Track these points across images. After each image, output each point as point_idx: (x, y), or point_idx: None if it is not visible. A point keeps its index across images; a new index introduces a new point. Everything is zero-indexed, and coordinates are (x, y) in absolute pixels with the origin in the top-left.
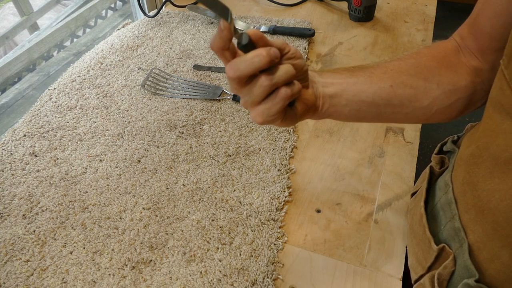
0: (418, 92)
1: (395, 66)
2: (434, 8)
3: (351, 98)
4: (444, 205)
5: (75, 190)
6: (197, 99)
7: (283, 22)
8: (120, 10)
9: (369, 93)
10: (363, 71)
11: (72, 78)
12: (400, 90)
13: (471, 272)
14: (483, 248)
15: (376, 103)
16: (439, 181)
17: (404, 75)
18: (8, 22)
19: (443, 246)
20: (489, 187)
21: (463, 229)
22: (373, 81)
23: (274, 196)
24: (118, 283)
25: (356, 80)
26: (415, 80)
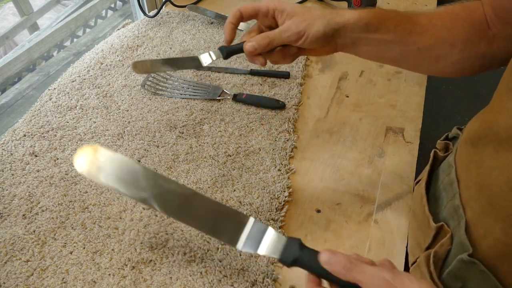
0: (441, 54)
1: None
2: (434, 8)
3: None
4: (447, 185)
5: (75, 190)
6: (197, 99)
7: None
8: (120, 10)
9: (396, 51)
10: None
11: (72, 78)
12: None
13: (465, 248)
14: (479, 224)
15: (399, 60)
16: (442, 165)
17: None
18: (8, 22)
19: (441, 225)
20: (492, 164)
21: (462, 206)
22: (405, 41)
23: (274, 196)
24: (118, 283)
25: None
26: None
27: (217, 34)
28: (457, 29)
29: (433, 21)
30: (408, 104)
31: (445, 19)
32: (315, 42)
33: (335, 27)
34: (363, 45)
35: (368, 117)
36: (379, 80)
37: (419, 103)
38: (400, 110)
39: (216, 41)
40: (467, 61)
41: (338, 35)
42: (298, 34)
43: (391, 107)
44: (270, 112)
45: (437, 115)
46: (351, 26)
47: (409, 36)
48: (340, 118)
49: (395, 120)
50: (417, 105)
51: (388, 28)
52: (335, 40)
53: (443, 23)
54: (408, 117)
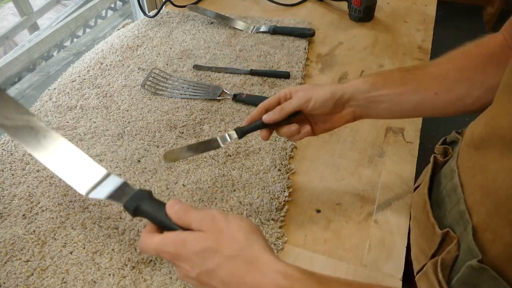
0: (462, 93)
1: (443, 70)
2: (434, 8)
3: (393, 107)
4: (450, 191)
5: (75, 190)
6: (197, 99)
7: (283, 22)
8: (120, 10)
9: (412, 102)
10: (413, 77)
11: (72, 78)
12: (444, 95)
13: (474, 254)
14: (486, 228)
15: (417, 109)
16: (444, 169)
17: (449, 80)
18: (8, 22)
19: (447, 231)
20: (497, 167)
21: (467, 212)
22: (420, 89)
23: (274, 196)
24: (118, 283)
25: (404, 89)
26: (460, 83)
27: (217, 34)
28: (471, 67)
29: (444, 66)
30: None
31: (456, 60)
32: (322, 106)
33: (341, 92)
34: (378, 104)
35: None
36: None
37: None
38: None
39: (216, 41)
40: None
41: (349, 101)
42: (306, 98)
43: None
44: None
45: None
46: (358, 89)
47: (421, 84)
48: None
49: (395, 120)
50: None
51: (395, 83)
52: (349, 107)
53: (455, 64)
54: None
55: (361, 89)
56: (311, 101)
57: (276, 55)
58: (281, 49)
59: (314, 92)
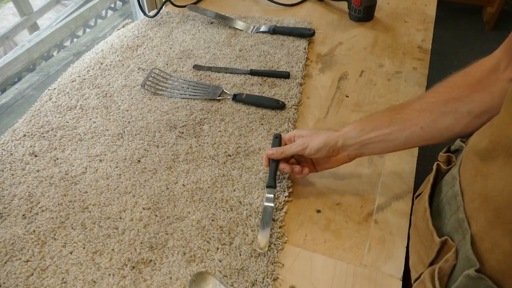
0: (449, 124)
1: (428, 105)
2: (434, 8)
3: (384, 145)
4: (450, 198)
5: (75, 190)
6: (197, 99)
7: (283, 22)
8: (120, 10)
9: (402, 138)
10: (398, 116)
11: (72, 78)
12: (430, 128)
13: (472, 263)
14: (485, 237)
15: (408, 143)
16: (446, 177)
17: (435, 113)
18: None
19: (445, 239)
20: (499, 175)
21: (466, 220)
22: (406, 126)
23: (274, 196)
24: (118, 283)
25: (392, 129)
26: (445, 115)
27: (217, 34)
28: (456, 98)
29: (428, 100)
30: None
31: (441, 93)
32: (317, 153)
33: (334, 141)
34: (370, 145)
35: None
36: (379, 80)
37: None
38: None
39: (216, 41)
40: (481, 117)
41: (342, 147)
42: (302, 146)
43: None
44: (270, 112)
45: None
46: (349, 136)
47: (406, 122)
48: (340, 118)
49: None
50: None
51: (383, 125)
52: (343, 151)
53: (439, 98)
54: None
55: (351, 136)
56: (307, 148)
57: (276, 55)
58: (281, 49)
59: (310, 140)
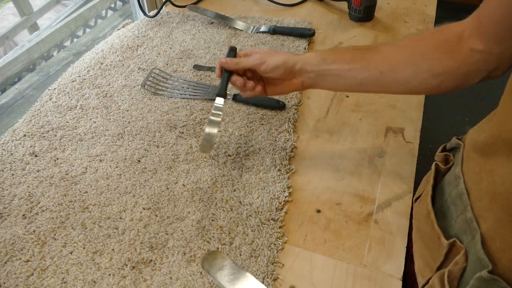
0: (407, 76)
1: (394, 52)
2: (434, 8)
3: (341, 81)
4: (455, 198)
5: (75, 190)
6: (197, 99)
7: (283, 22)
8: (120, 10)
9: (359, 78)
10: (363, 56)
11: (72, 78)
12: (389, 75)
13: (483, 264)
14: (496, 237)
15: (364, 85)
16: (447, 177)
17: (397, 62)
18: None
19: (453, 241)
20: (506, 171)
21: (475, 219)
22: (367, 67)
23: (274, 196)
24: (118, 283)
25: (352, 66)
26: (407, 66)
27: (217, 34)
28: (420, 52)
29: (395, 48)
30: (408, 104)
31: (408, 44)
32: (273, 71)
33: (293, 62)
34: (326, 77)
35: (368, 117)
36: None
37: (419, 103)
38: (400, 110)
39: (216, 41)
40: (439, 77)
41: (300, 71)
42: (260, 60)
43: (391, 107)
44: (270, 112)
45: (437, 115)
46: (309, 61)
47: (369, 63)
48: (340, 118)
49: (395, 120)
50: (417, 105)
51: (345, 59)
52: (299, 77)
53: (405, 47)
54: (408, 117)
55: (312, 62)
56: (264, 64)
57: None
58: (281, 49)
59: (269, 57)
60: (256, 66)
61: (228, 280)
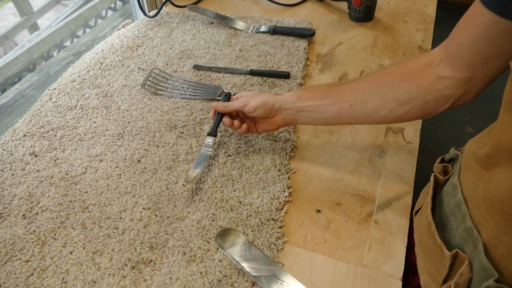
0: (375, 107)
1: (362, 85)
2: (434, 8)
3: (317, 116)
4: (454, 208)
5: (75, 190)
6: (197, 99)
7: (283, 22)
8: (120, 10)
9: (333, 112)
10: (334, 91)
11: (72, 78)
12: (359, 107)
13: (489, 273)
14: (498, 244)
15: (338, 118)
16: (445, 187)
17: (366, 94)
18: (8, 22)
19: (456, 252)
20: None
21: (475, 228)
22: (338, 101)
23: (274, 196)
24: (118, 283)
25: (325, 102)
26: (374, 97)
27: (217, 34)
28: (386, 83)
29: (363, 81)
30: None
31: (376, 77)
32: (255, 111)
33: (272, 102)
34: (303, 113)
35: None
36: None
37: None
38: None
39: (216, 41)
40: (406, 106)
41: (279, 110)
42: (243, 103)
43: None
44: None
45: (437, 115)
46: (287, 100)
47: (339, 97)
48: None
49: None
50: None
51: (319, 96)
52: (280, 114)
53: (373, 81)
54: None
55: (289, 100)
56: (246, 106)
57: (276, 55)
58: (281, 49)
59: (251, 99)
60: (240, 108)
61: (239, 255)
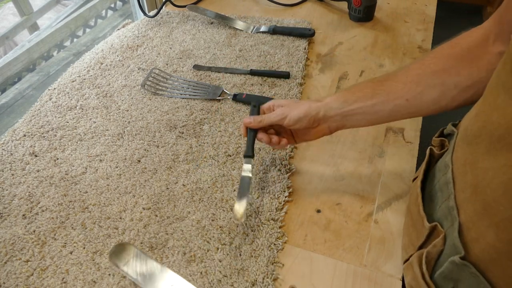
0: (435, 97)
1: (415, 75)
2: (434, 8)
3: (368, 117)
4: (442, 185)
5: (75, 190)
6: (197, 99)
7: (283, 22)
8: (120, 10)
9: (386, 111)
10: (383, 88)
11: (72, 78)
12: (416, 101)
13: (457, 250)
14: (472, 227)
15: (393, 115)
16: (439, 163)
17: (421, 85)
18: (8, 22)
19: (435, 225)
20: (486, 165)
21: (456, 208)
22: (390, 99)
23: (274, 196)
24: (118, 283)
25: (375, 101)
26: (432, 87)
27: (217, 34)
28: (443, 69)
29: (414, 72)
30: None
31: (427, 64)
32: (296, 123)
33: (316, 111)
34: (352, 117)
35: None
36: None
37: None
38: None
39: (216, 41)
40: (470, 90)
41: (324, 118)
42: (282, 115)
43: None
44: None
45: (437, 115)
46: (331, 106)
47: (391, 93)
48: None
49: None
50: None
51: (367, 96)
52: (324, 123)
53: (426, 69)
54: None
55: (333, 106)
56: (286, 118)
57: (276, 55)
58: (281, 49)
59: (290, 110)
60: (279, 122)
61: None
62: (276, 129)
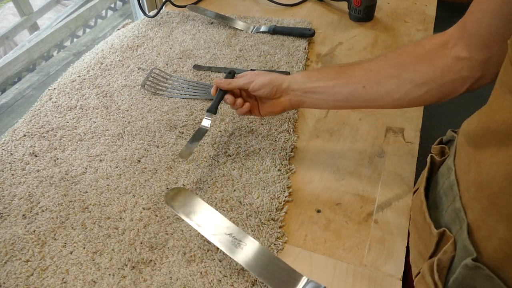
0: (390, 89)
1: (375, 66)
2: (434, 8)
3: (326, 98)
4: (447, 189)
5: (75, 190)
6: (197, 99)
7: (283, 22)
8: (120, 10)
9: (344, 94)
10: (346, 72)
11: (72, 78)
12: (372, 89)
13: (469, 252)
14: (482, 225)
15: (349, 100)
16: (441, 169)
17: (380, 75)
18: (8, 22)
19: (443, 230)
20: (492, 161)
21: (463, 209)
22: (350, 82)
23: (274, 196)
24: (118, 283)
25: (336, 82)
26: (389, 79)
27: (217, 34)
28: (402, 64)
29: (378, 62)
30: None
31: (391, 58)
32: (260, 89)
33: (280, 81)
34: (312, 94)
35: (368, 117)
36: None
37: None
38: (400, 110)
39: (216, 41)
40: (422, 88)
41: (286, 90)
42: (248, 80)
43: None
44: None
45: (437, 115)
46: (295, 80)
47: (352, 78)
48: (340, 118)
49: (395, 120)
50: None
51: (329, 76)
52: (287, 95)
53: (388, 61)
54: (408, 117)
55: (297, 80)
56: (252, 83)
57: (276, 55)
58: (281, 49)
59: (257, 77)
60: (245, 85)
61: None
62: (244, 96)
